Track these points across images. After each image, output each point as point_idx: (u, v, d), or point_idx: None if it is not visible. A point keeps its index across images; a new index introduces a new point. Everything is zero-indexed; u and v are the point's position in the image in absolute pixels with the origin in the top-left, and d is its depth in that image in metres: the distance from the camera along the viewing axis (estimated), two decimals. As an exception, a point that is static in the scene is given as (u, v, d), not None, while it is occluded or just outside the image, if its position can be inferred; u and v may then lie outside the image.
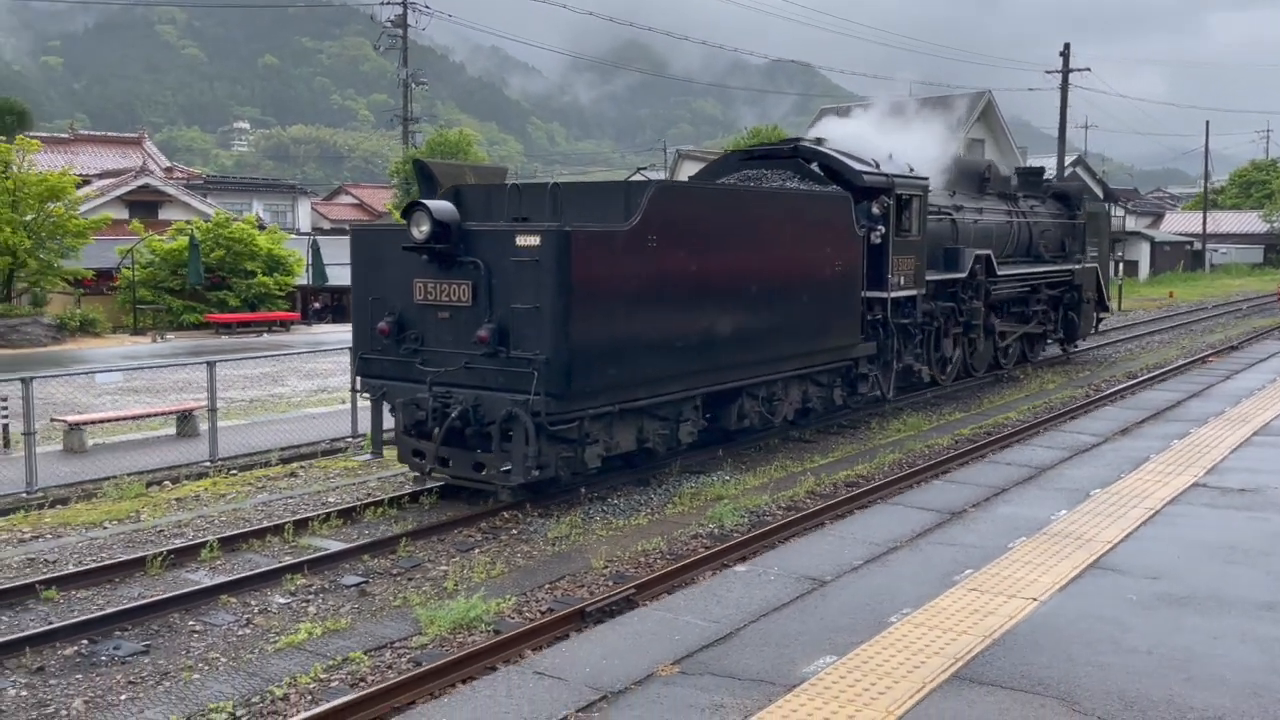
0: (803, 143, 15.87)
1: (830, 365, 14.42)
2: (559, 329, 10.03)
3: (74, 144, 48.18)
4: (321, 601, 8.58)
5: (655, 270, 10.97)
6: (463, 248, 10.52)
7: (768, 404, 13.53)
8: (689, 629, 6.43)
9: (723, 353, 12.15)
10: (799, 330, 13.32)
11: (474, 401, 10.50)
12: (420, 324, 11.04)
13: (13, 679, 7.03)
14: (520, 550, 9.92)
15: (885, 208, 14.81)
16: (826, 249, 13.77)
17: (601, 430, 11.10)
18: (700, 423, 12.50)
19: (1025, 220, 20.46)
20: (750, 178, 15.07)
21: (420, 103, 49.11)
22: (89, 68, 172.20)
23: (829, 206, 14.04)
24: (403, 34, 43.32)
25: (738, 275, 12.22)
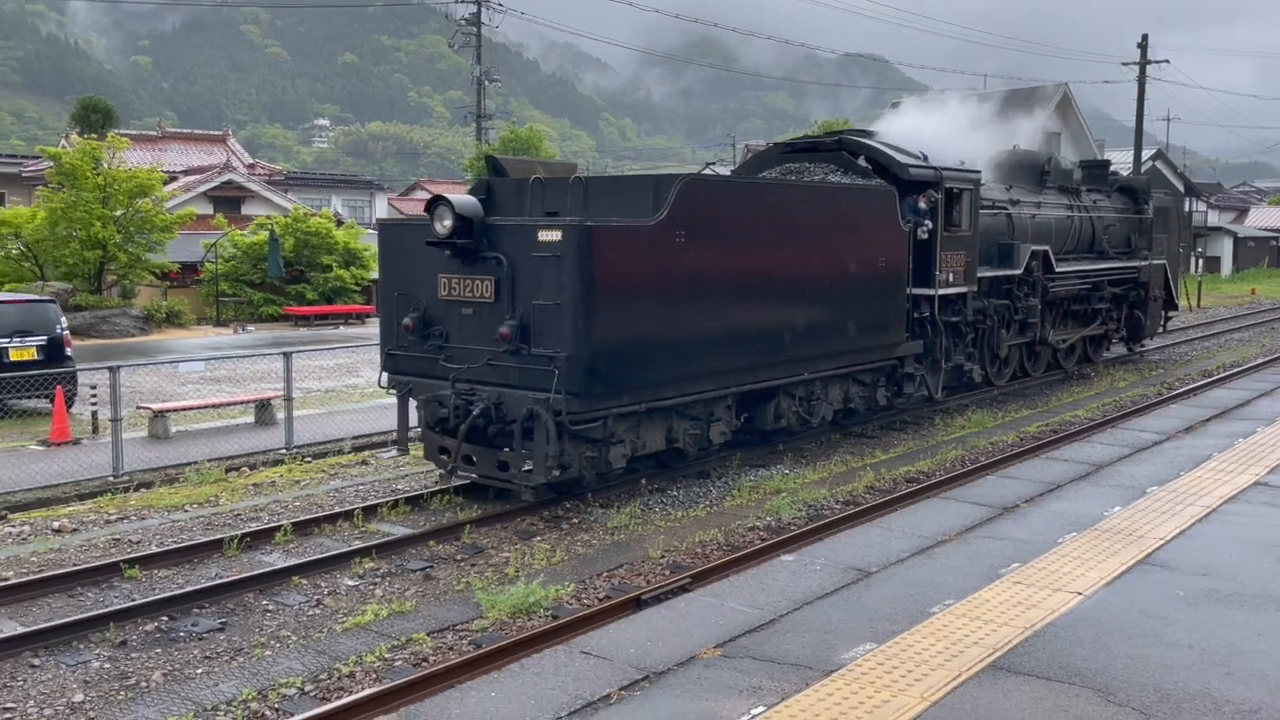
0: (847, 135, 15.47)
1: (873, 364, 14.02)
2: (580, 326, 9.86)
3: (162, 141, 49.73)
4: (388, 584, 8.91)
5: (683, 266, 10.76)
6: (486, 243, 10.39)
7: (805, 404, 13.22)
8: (733, 615, 6.62)
9: (756, 351, 11.87)
10: (838, 328, 12.99)
11: (496, 399, 10.40)
12: (445, 320, 10.94)
13: (97, 652, 7.46)
14: (580, 539, 10.17)
15: (933, 202, 14.44)
16: (868, 244, 13.40)
17: (627, 430, 10.91)
18: (733, 423, 12.25)
19: (1088, 215, 19.84)
20: (792, 171, 14.77)
21: (494, 99, 49.80)
22: (177, 67, 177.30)
23: (871, 201, 13.64)
24: (477, 32, 43.96)
25: (771, 272, 11.93)
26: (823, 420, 13.68)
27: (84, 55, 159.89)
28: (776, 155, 15.50)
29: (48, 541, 9.97)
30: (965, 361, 16.10)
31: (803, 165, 14.77)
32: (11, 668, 7.15)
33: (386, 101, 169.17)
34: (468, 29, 44.15)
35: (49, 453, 13.48)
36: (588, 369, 9.94)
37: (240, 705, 6.61)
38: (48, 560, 9.40)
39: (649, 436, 11.25)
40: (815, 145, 15.29)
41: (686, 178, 11.14)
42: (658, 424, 11.30)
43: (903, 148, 14.95)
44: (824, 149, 15.00)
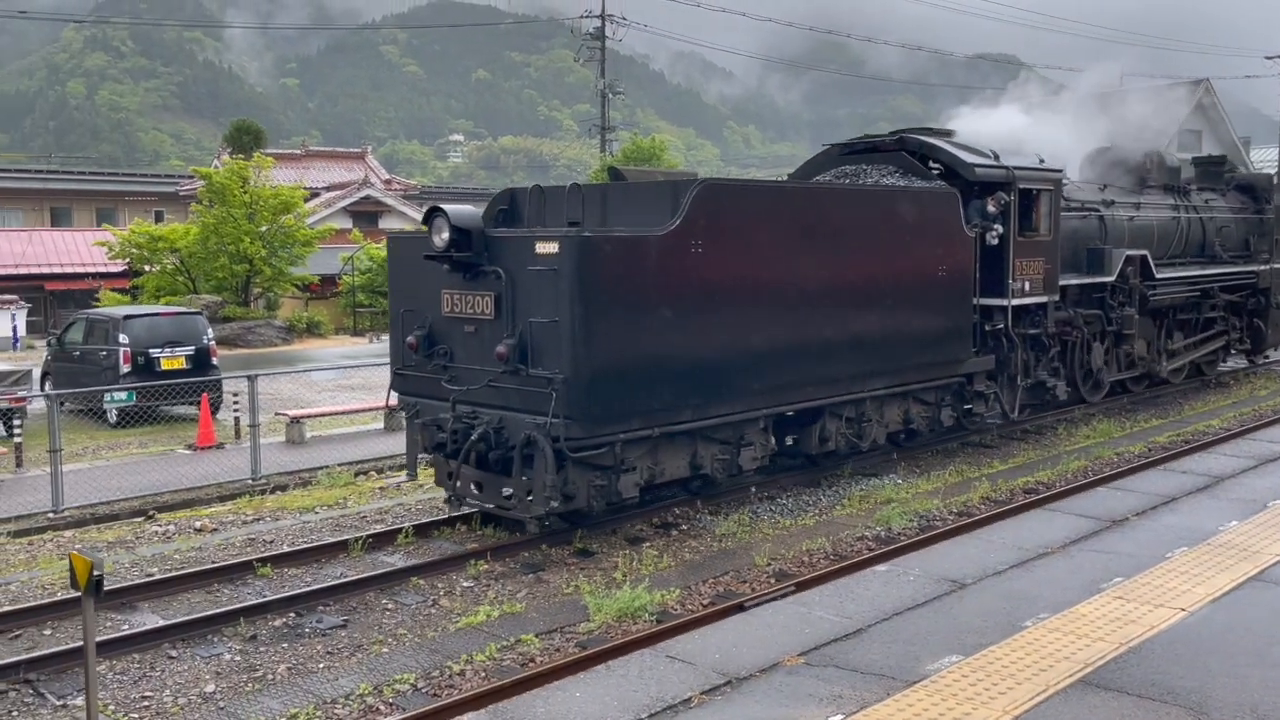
0: (909, 134, 14.45)
1: (935, 382, 12.95)
2: (579, 345, 9.15)
3: (305, 159, 52.09)
4: (500, 586, 9.24)
5: (701, 279, 9.97)
6: (486, 256, 9.73)
7: (855, 425, 12.26)
8: (820, 623, 6.68)
9: (792, 370, 10.97)
10: (891, 344, 11.99)
11: (498, 423, 9.75)
12: (449, 338, 10.31)
13: (229, 645, 8.00)
14: (688, 545, 10.33)
15: (1003, 204, 13.42)
16: (927, 252, 12.41)
17: (642, 456, 10.12)
18: (769, 446, 11.39)
19: (1197, 216, 18.34)
20: (847, 174, 13.89)
21: (620, 111, 50.52)
22: (321, 87, 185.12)
23: (930, 204, 12.61)
24: (601, 46, 44.69)
25: (808, 284, 11.04)
26: (874, 444, 12.63)
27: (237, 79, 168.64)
28: (835, 157, 14.63)
29: (190, 540, 10.69)
30: (1049, 378, 14.87)
31: (859, 167, 13.95)
32: (151, 658, 7.75)
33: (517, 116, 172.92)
34: (592, 43, 44.94)
35: (194, 456, 14.40)
36: (588, 392, 9.25)
37: (357, 699, 6.99)
38: (189, 558, 10.09)
39: (669, 463, 10.44)
40: (876, 146, 14.40)
41: (703, 182, 10.32)
42: (680, 449, 10.51)
43: (973, 146, 13.97)
44: (885, 149, 14.15)
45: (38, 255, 39.07)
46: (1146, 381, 17.91)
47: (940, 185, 13.16)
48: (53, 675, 7.37)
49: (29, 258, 38.77)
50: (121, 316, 17.74)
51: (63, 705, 6.92)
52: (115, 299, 30.09)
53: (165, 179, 53.25)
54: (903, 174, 13.48)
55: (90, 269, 37.09)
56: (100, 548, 10.32)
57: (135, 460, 14.34)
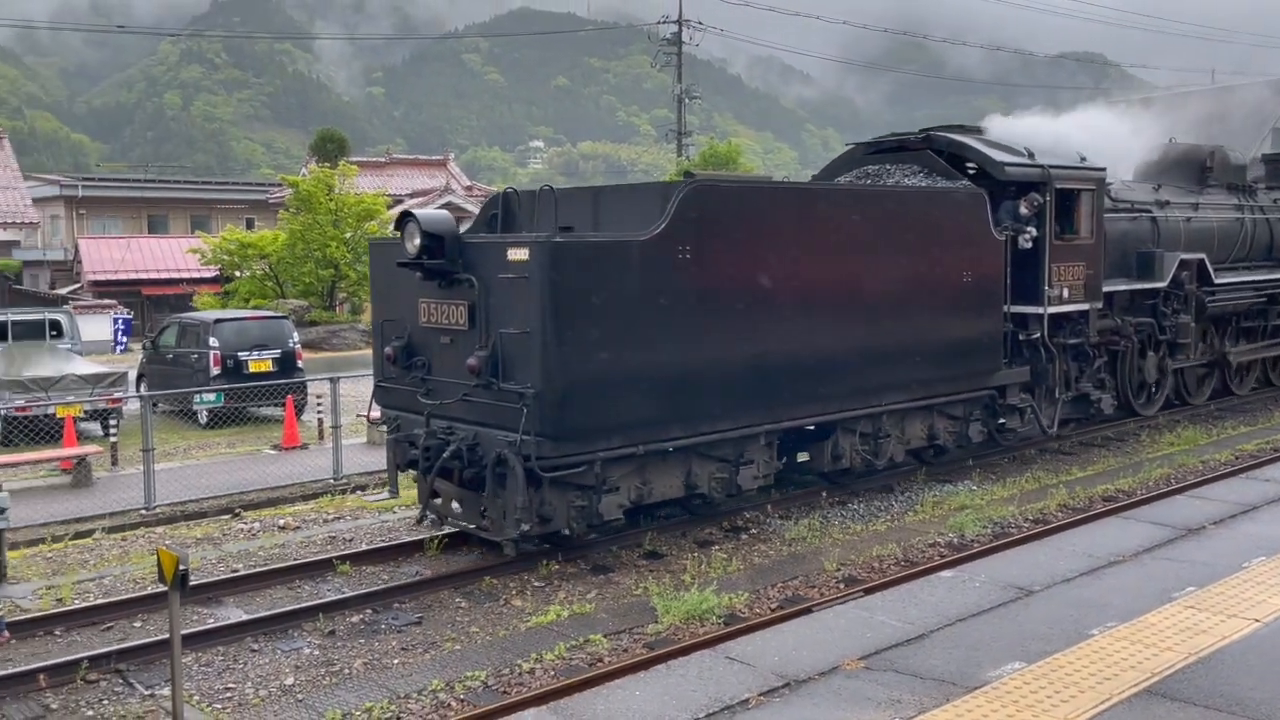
0: (937, 132, 13.65)
1: (962, 395, 12.18)
2: (551, 358, 8.62)
3: (388, 167, 53.22)
4: (570, 586, 9.39)
5: (689, 286, 9.38)
6: (461, 263, 9.20)
7: (872, 441, 11.58)
8: (882, 628, 6.68)
9: (795, 383, 10.34)
10: (909, 354, 11.31)
11: (472, 439, 9.23)
12: (427, 349, 9.83)
13: (309, 639, 8.28)
14: (758, 549, 10.36)
15: (1037, 206, 12.65)
16: (949, 256, 11.66)
17: (627, 475, 9.51)
18: (772, 464, 10.73)
19: (1264, 217, 17.21)
20: (869, 174, 13.28)
21: (697, 115, 50.68)
22: (406, 96, 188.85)
23: (953, 205, 11.92)
24: (677, 52, 44.87)
25: (814, 291, 10.44)
26: (891, 461, 11.89)
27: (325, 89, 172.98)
28: (859, 156, 13.94)
29: (273, 537, 11.06)
30: (1093, 390, 13.99)
31: (883, 167, 13.31)
32: (234, 651, 8.06)
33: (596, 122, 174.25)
34: (669, 48, 45.12)
35: (280, 456, 14.86)
36: (561, 407, 8.73)
37: (429, 695, 7.19)
38: (272, 554, 10.44)
39: (659, 482, 9.81)
40: (902, 144, 13.66)
41: (692, 183, 9.67)
42: (671, 467, 9.87)
43: (1007, 144, 13.20)
44: (912, 148, 13.44)
45: (135, 262, 40.57)
46: (1212, 391, 16.98)
47: (965, 185, 12.47)
48: (141, 666, 7.71)
49: (127, 264, 40.30)
50: (212, 321, 18.38)
51: (150, 695, 7.24)
52: (209, 303, 31.12)
53: (256, 187, 54.84)
54: (927, 174, 12.86)
55: (184, 275, 38.42)
56: (189, 544, 10.73)
57: (223, 460, 14.86)
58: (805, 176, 18.34)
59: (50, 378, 15.41)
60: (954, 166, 12.88)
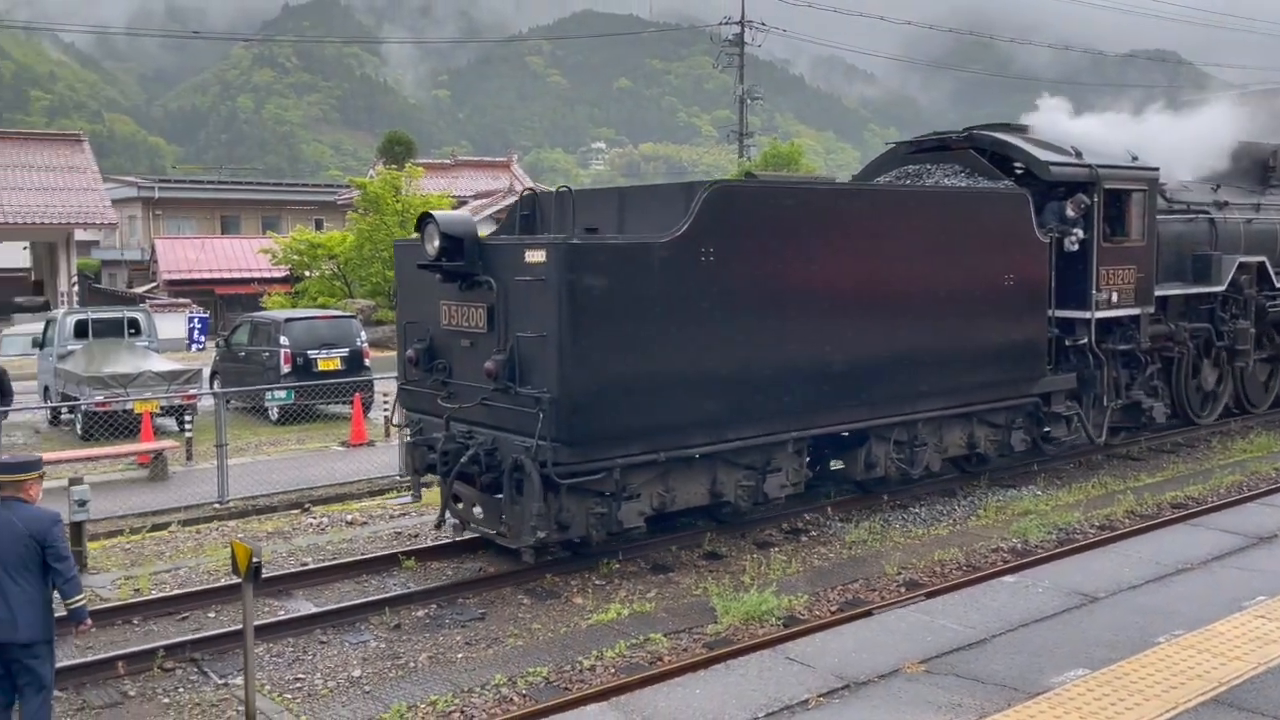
0: (980, 130, 13.25)
1: (1003, 402, 11.83)
2: (568, 362, 8.47)
3: (453, 169, 53.85)
4: (631, 585, 9.46)
5: (712, 290, 9.16)
6: (480, 265, 9.10)
7: (907, 449, 11.25)
8: (943, 632, 6.65)
9: (824, 389, 10.06)
10: (946, 360, 10.97)
11: (491, 444, 9.11)
12: (448, 352, 9.74)
13: (375, 633, 8.45)
14: (817, 552, 10.36)
15: (1084, 207, 12.19)
16: (989, 259, 11.32)
17: (649, 482, 9.33)
18: (801, 472, 10.49)
19: None
20: (909, 174, 12.93)
21: (759, 116, 50.55)
22: (471, 99, 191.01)
23: (994, 207, 11.57)
24: (740, 52, 44.79)
25: (843, 294, 10.17)
26: (927, 470, 11.54)
27: (392, 92, 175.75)
28: (901, 156, 13.58)
29: (341, 532, 11.30)
30: (1144, 398, 13.47)
31: (923, 167, 12.95)
32: (304, 643, 8.25)
33: (658, 123, 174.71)
34: (731, 49, 45.07)
35: (347, 453, 15.16)
36: (578, 412, 8.56)
37: (492, 689, 7.31)
38: (340, 549, 10.66)
39: (683, 489, 9.62)
40: (945, 144, 13.29)
41: (715, 184, 9.45)
42: (696, 474, 9.68)
43: (1053, 143, 12.81)
44: (954, 147, 13.08)
45: (209, 261, 41.60)
46: (1274, 400, 16.26)
47: (1007, 186, 12.16)
48: (215, 655, 7.92)
49: (201, 264, 41.34)
50: (282, 320, 18.80)
51: (224, 684, 7.44)
52: (279, 303, 31.78)
53: (324, 188, 55.89)
54: (969, 174, 12.55)
55: (256, 274, 39.25)
56: (260, 537, 11.01)
57: (293, 456, 15.20)
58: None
59: (129, 374, 15.88)
60: (999, 166, 12.58)
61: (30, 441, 16.54)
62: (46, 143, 35.79)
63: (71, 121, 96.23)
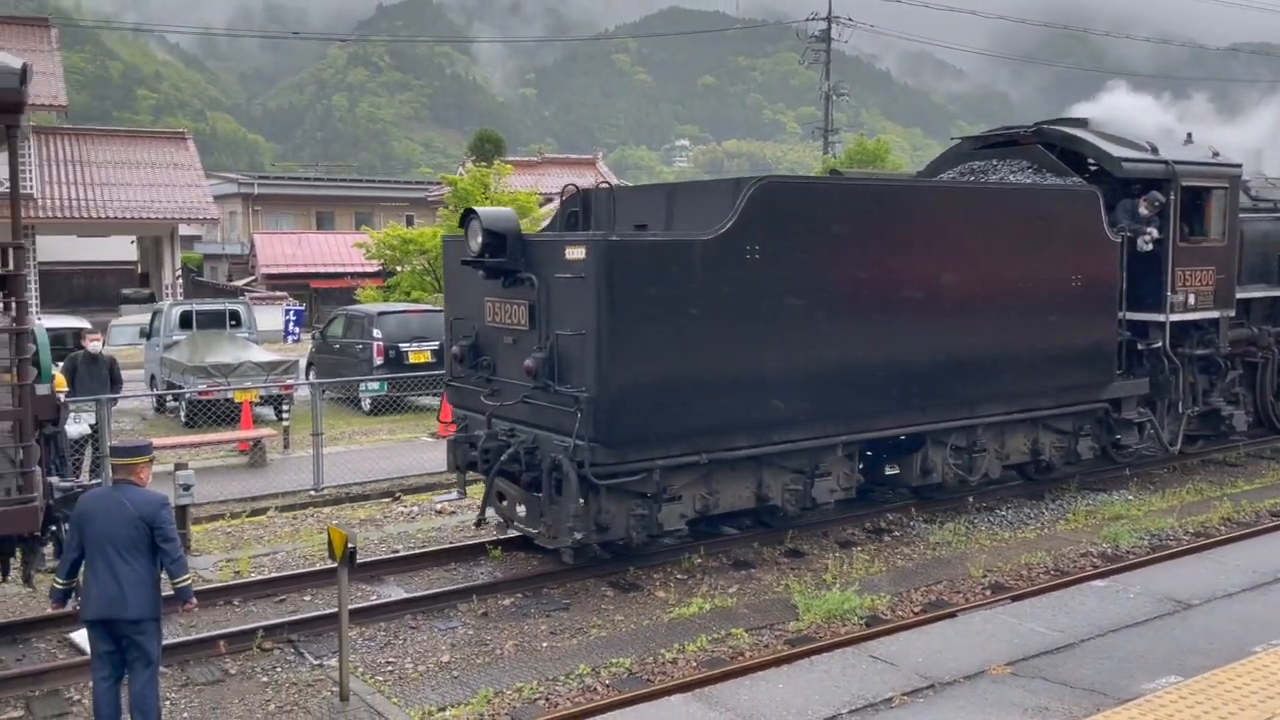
0: (1050, 125, 12.81)
1: (1070, 408, 11.43)
2: (606, 361, 8.34)
3: (540, 166, 54.43)
4: (712, 580, 9.54)
5: (758, 288, 8.97)
6: (523, 262, 9.02)
7: (966, 455, 10.95)
8: (1030, 635, 6.59)
9: (875, 392, 9.82)
10: (1008, 364, 10.67)
11: (531, 442, 9.04)
12: (492, 349, 9.69)
13: (463, 620, 8.67)
14: (900, 552, 10.31)
15: (1158, 205, 11.77)
16: (1055, 259, 10.95)
17: (691, 484, 9.20)
18: (852, 476, 10.23)
19: None
20: (973, 170, 12.57)
21: (844, 112, 50.05)
22: (557, 97, 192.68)
23: (1060, 204, 11.15)
24: (826, 48, 44.42)
25: (897, 295, 9.87)
26: (985, 477, 11.21)
27: (481, 90, 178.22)
28: (966, 152, 13.20)
29: (431, 521, 11.59)
30: (1224, 405, 12.89)
31: (988, 163, 12.59)
32: (395, 627, 8.51)
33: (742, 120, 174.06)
34: (818, 45, 44.72)
35: (437, 444, 15.48)
36: (616, 412, 8.44)
37: (576, 678, 7.46)
38: (429, 537, 10.94)
39: (727, 492, 9.46)
40: (1013, 138, 12.88)
41: (761, 180, 9.16)
42: (740, 477, 9.50)
43: (1127, 138, 12.36)
44: (1022, 142, 12.66)
45: (305, 256, 42.77)
46: None
47: (1076, 183, 11.71)
48: (311, 637, 8.21)
49: (298, 258, 42.52)
50: (375, 313, 19.28)
51: (319, 665, 7.71)
52: (372, 296, 32.51)
53: (415, 185, 56.97)
54: (1037, 170, 12.14)
55: (349, 269, 40.22)
56: (353, 524, 11.35)
57: (385, 445, 15.61)
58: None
59: (230, 364, 16.46)
60: (1071, 162, 12.16)
61: (137, 427, 17.28)
62: (153, 141, 37.17)
63: (176, 120, 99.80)
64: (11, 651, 7.92)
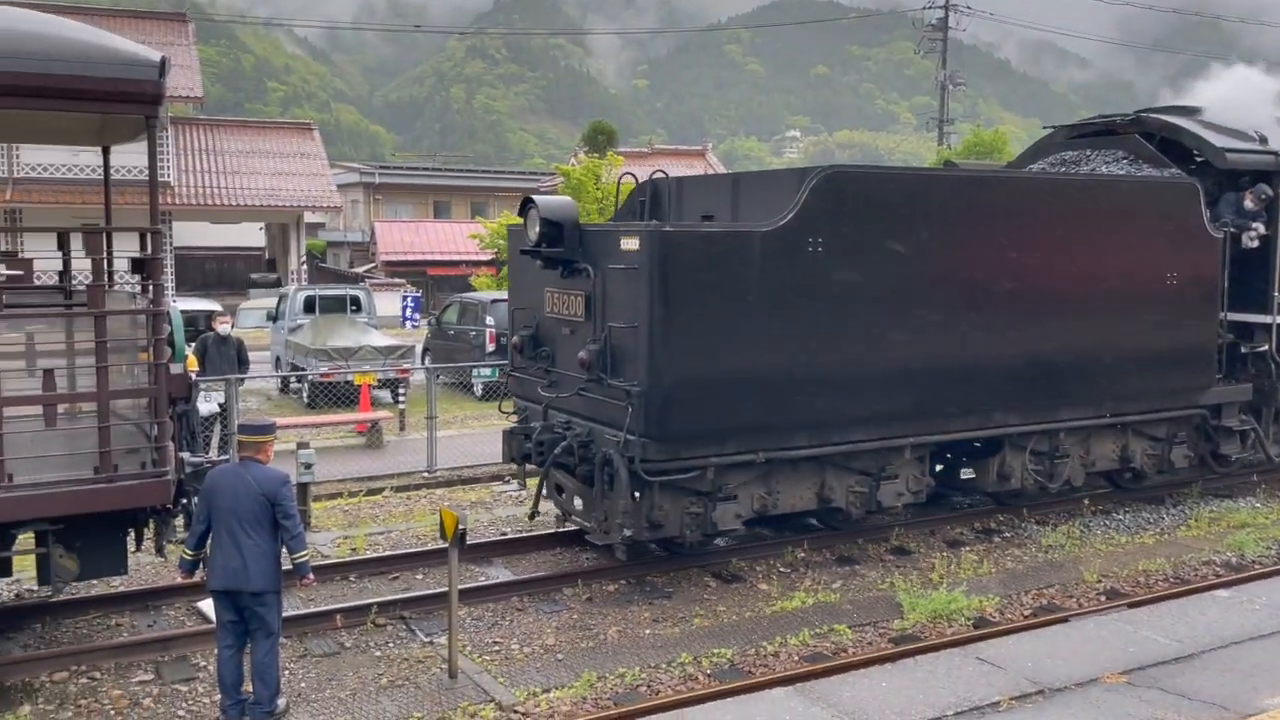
0: (1150, 113, 12.14)
1: (1163, 414, 10.88)
2: (658, 354, 8.14)
3: (651, 157, 54.41)
4: (815, 575, 9.49)
5: (820, 282, 8.63)
6: (580, 252, 8.84)
7: (1046, 461, 10.46)
8: (1147, 644, 6.37)
9: (948, 393, 9.40)
10: (1094, 366, 10.16)
11: (586, 436, 8.88)
12: (552, 340, 9.54)
13: (568, 604, 8.79)
14: (1010, 553, 10.09)
15: (1265, 198, 11.09)
16: (1147, 255, 10.42)
17: (748, 483, 8.95)
18: (922, 480, 9.80)
19: None
20: (1064, 161, 12.03)
21: (961, 102, 48.87)
22: (669, 88, 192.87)
23: (1154, 198, 10.57)
24: (943, 37, 43.40)
25: (971, 291, 9.44)
26: (1067, 484, 10.67)
27: (594, 82, 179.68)
28: (1059, 141, 12.64)
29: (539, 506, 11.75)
30: None
31: (1082, 153, 11.95)
32: (502, 609, 8.68)
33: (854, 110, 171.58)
34: (934, 34, 43.73)
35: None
36: (668, 407, 8.22)
37: (678, 667, 7.51)
38: (537, 522, 11.10)
39: (788, 492, 9.15)
40: (1109, 127, 12.25)
41: (824, 170, 8.80)
42: (802, 478, 9.19)
43: (1234, 128, 11.65)
44: (1119, 131, 12.02)
45: (422, 244, 43.77)
46: None
47: (1173, 174, 11.13)
48: (422, 615, 8.43)
49: (415, 246, 43.55)
50: (488, 301, 19.63)
51: (429, 643, 7.93)
52: (486, 284, 33.13)
53: (529, 175, 57.76)
54: (1132, 160, 11.56)
55: (464, 257, 41.02)
56: (464, 506, 11.60)
57: (496, 430, 15.78)
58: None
59: (350, 348, 17.01)
60: (1172, 153, 11.54)
61: (262, 407, 18.00)
62: (281, 131, 38.55)
63: (303, 111, 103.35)
64: (143, 618, 8.36)
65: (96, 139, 8.79)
